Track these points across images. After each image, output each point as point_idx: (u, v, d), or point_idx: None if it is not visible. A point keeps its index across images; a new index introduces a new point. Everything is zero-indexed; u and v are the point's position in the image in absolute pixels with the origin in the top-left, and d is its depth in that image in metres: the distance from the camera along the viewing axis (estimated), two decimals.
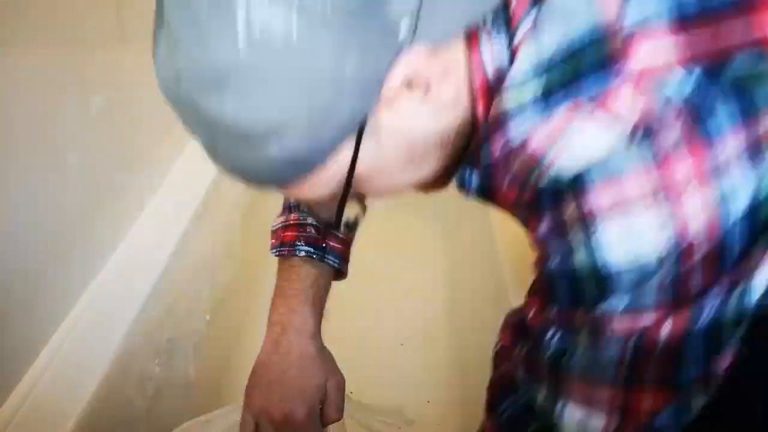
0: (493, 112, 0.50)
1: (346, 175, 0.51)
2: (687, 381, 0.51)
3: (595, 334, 0.51)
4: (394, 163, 0.53)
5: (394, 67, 0.46)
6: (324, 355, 0.78)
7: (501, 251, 1.27)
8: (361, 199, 0.62)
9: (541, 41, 0.46)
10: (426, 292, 1.58)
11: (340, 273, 0.84)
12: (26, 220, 0.91)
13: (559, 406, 0.56)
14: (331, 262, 0.81)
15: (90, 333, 0.98)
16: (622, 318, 0.49)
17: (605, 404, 0.53)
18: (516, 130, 0.48)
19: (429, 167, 0.55)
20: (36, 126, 0.92)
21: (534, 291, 0.57)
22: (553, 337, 0.55)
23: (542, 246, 0.51)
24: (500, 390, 0.64)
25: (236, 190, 1.53)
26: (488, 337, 1.06)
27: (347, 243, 0.83)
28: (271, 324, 0.79)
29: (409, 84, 0.48)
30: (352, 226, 0.65)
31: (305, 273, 0.80)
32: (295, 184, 0.51)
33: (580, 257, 0.48)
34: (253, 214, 1.59)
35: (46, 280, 0.95)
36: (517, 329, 0.62)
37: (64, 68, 0.99)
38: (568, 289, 0.51)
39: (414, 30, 0.46)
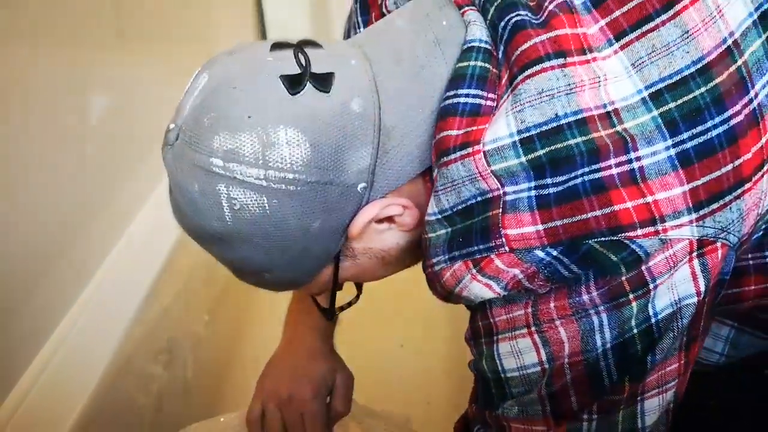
0: (423, 241, 0.59)
1: (332, 282, 0.62)
2: None
3: None
4: (371, 269, 0.63)
5: (361, 219, 0.56)
6: (334, 353, 0.83)
7: None
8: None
9: (441, 200, 0.56)
10: (426, 293, 1.58)
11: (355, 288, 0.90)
12: (24, 219, 0.90)
13: None
14: None
15: (89, 333, 0.98)
16: (517, 421, 0.57)
17: None
18: (434, 260, 0.57)
19: (406, 263, 0.65)
20: (34, 125, 0.91)
21: (472, 388, 0.65)
22: (478, 431, 0.62)
23: (469, 348, 0.61)
24: None
25: None
26: None
27: None
28: (286, 324, 0.85)
29: (374, 222, 0.58)
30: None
31: None
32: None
33: (487, 362, 0.57)
34: None
35: (44, 279, 0.95)
36: (463, 423, 0.68)
37: (63, 68, 0.98)
38: (481, 389, 0.60)
39: (370, 188, 0.56)
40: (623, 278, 0.51)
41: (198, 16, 1.53)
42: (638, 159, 0.51)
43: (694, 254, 0.51)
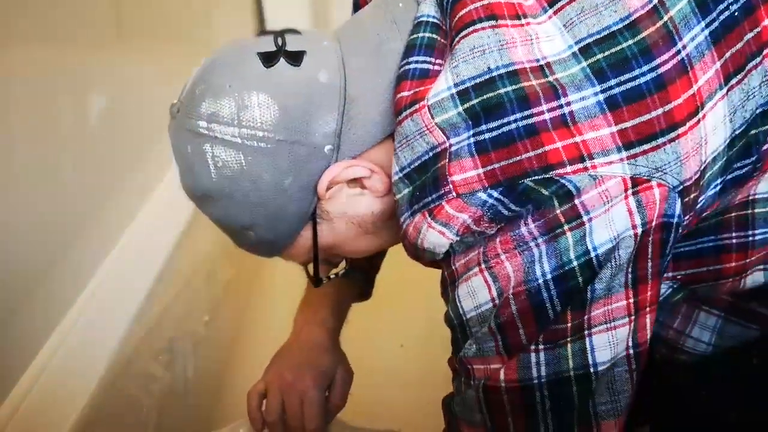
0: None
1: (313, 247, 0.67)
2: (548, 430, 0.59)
3: (468, 378, 0.62)
4: (350, 237, 0.67)
5: (325, 177, 0.62)
6: (338, 349, 0.87)
7: None
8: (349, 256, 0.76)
9: (399, 157, 0.61)
10: (426, 292, 1.57)
11: (364, 293, 0.93)
12: (24, 219, 0.90)
13: None
14: (355, 277, 0.89)
15: (89, 333, 0.98)
16: (477, 360, 0.60)
17: None
18: (401, 219, 0.62)
19: (388, 236, 0.68)
20: (34, 125, 0.91)
21: None
22: (454, 384, 0.66)
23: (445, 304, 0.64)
24: None
25: None
26: None
27: (373, 264, 0.93)
28: (295, 321, 0.89)
29: (349, 182, 0.63)
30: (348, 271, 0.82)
31: (331, 282, 0.86)
32: (278, 255, 0.69)
33: (452, 308, 0.61)
34: None
35: (44, 279, 0.95)
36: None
37: (63, 67, 0.98)
38: (453, 338, 0.63)
39: (337, 148, 0.62)
40: (557, 211, 0.55)
41: (198, 16, 1.53)
42: (568, 104, 0.56)
43: (629, 192, 0.55)
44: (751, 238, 0.62)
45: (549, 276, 0.56)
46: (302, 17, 1.88)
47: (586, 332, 0.57)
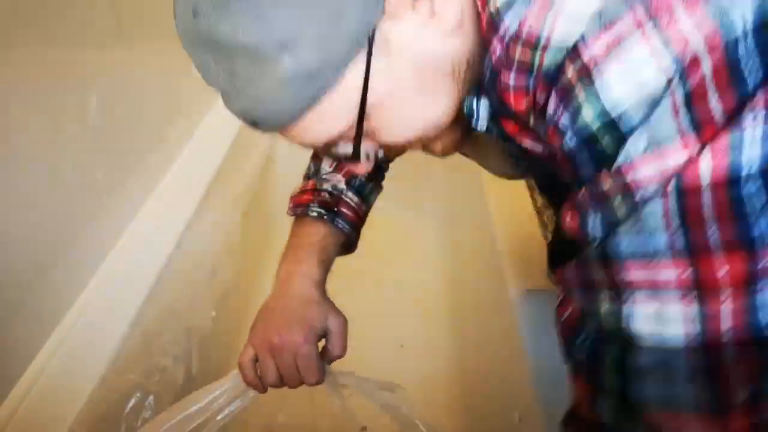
0: (487, 20, 0.52)
1: (359, 101, 0.53)
2: (764, 235, 0.46)
3: (630, 194, 0.48)
4: (405, 88, 0.55)
5: None
6: (326, 299, 0.81)
7: (501, 252, 1.26)
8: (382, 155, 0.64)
9: None
10: (426, 293, 1.58)
11: (349, 245, 0.89)
12: (25, 219, 0.90)
13: (625, 309, 0.51)
14: (341, 226, 0.86)
15: (88, 333, 0.98)
16: (647, 158, 0.47)
17: (675, 286, 0.48)
18: (510, 21, 0.50)
19: (442, 101, 0.57)
20: (34, 125, 0.91)
21: (563, 203, 0.55)
22: (593, 224, 0.51)
23: (556, 131, 0.50)
24: (569, 333, 0.58)
25: (236, 189, 1.53)
26: (489, 337, 1.05)
27: (360, 215, 0.88)
28: (278, 272, 0.83)
29: (413, 2, 0.52)
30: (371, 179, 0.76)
31: (315, 230, 0.85)
32: (312, 113, 0.53)
33: (588, 110, 0.47)
34: (253, 210, 1.59)
35: (44, 279, 0.95)
36: (563, 260, 0.58)
37: (62, 67, 0.98)
38: (588, 155, 0.49)
39: None
40: None
41: None
42: None
43: None
44: None
45: (750, 25, 0.44)
46: None
47: None
